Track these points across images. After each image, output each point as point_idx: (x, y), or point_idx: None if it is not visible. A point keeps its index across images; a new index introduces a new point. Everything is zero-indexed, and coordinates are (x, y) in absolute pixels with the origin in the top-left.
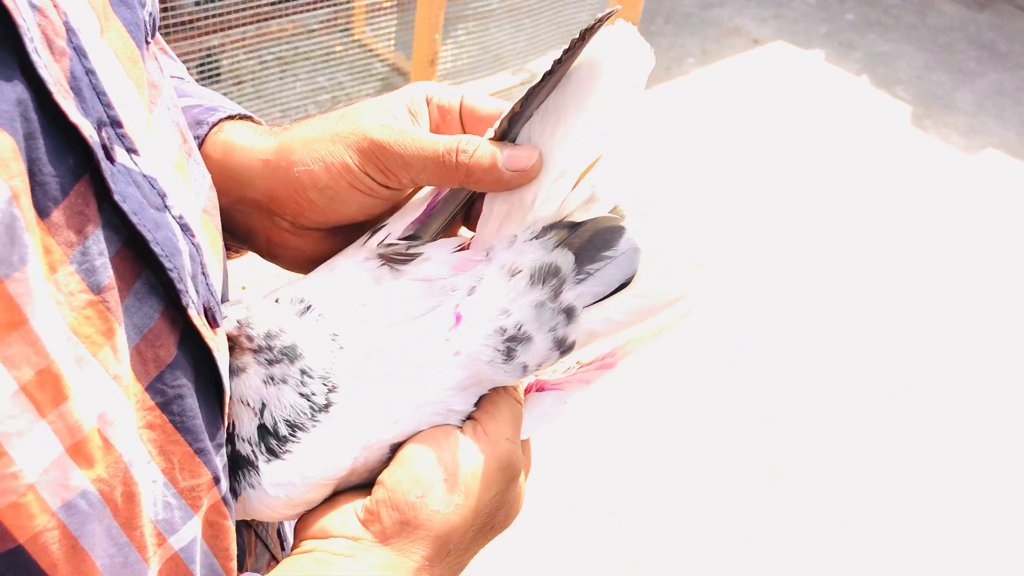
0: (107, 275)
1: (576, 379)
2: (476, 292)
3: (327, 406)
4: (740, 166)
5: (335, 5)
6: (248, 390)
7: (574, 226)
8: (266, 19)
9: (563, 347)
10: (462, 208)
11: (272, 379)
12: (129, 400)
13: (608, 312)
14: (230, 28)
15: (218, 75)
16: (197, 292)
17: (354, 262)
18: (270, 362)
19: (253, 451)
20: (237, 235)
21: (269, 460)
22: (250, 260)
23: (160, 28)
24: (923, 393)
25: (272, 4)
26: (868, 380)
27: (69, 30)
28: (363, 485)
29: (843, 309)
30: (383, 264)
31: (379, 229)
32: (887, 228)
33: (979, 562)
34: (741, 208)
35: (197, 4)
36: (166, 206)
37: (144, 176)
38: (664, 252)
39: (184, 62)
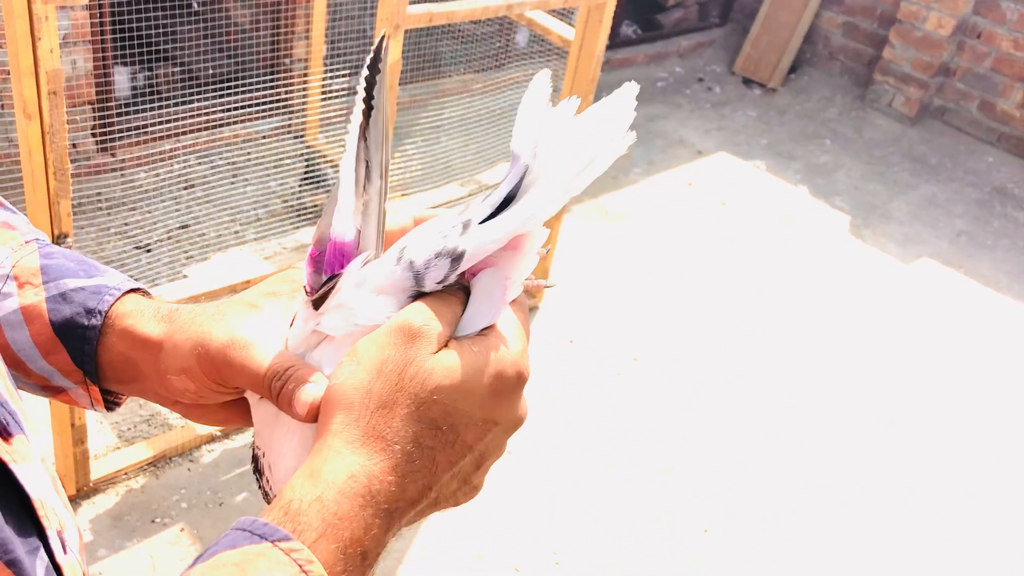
0: None
1: (501, 254)
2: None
3: None
4: (683, 272)
5: (289, 113)
6: None
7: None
8: (218, 126)
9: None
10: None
11: None
12: None
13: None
14: (182, 134)
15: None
16: None
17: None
18: None
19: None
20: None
21: None
22: None
23: (113, 134)
24: (875, 510)
25: (225, 111)
26: (809, 493)
27: None
28: None
29: (780, 415)
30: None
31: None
32: (827, 336)
33: None
34: (681, 313)
35: (152, 110)
36: None
37: None
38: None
39: (136, 167)
